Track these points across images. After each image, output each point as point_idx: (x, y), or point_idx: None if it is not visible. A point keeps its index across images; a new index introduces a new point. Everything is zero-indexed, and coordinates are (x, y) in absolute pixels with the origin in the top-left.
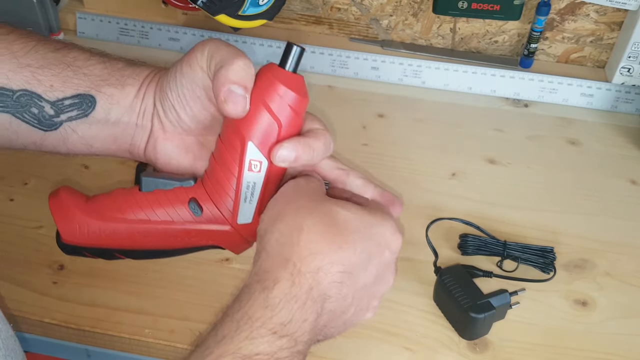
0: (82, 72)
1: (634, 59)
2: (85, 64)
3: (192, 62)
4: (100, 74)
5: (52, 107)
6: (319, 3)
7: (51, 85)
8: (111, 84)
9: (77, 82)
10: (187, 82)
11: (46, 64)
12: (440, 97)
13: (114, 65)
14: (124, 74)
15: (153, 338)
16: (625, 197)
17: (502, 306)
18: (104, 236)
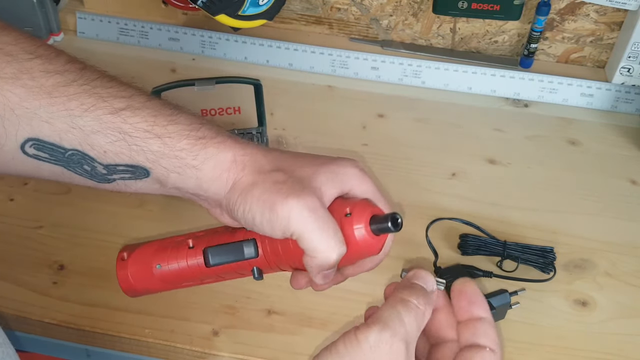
0: (139, 146)
1: (634, 59)
2: (143, 136)
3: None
4: (157, 150)
5: (105, 168)
6: (319, 3)
7: (104, 152)
8: (168, 167)
9: (133, 154)
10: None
11: (102, 129)
12: (440, 97)
13: (174, 144)
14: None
15: (153, 338)
16: (625, 197)
17: (502, 306)
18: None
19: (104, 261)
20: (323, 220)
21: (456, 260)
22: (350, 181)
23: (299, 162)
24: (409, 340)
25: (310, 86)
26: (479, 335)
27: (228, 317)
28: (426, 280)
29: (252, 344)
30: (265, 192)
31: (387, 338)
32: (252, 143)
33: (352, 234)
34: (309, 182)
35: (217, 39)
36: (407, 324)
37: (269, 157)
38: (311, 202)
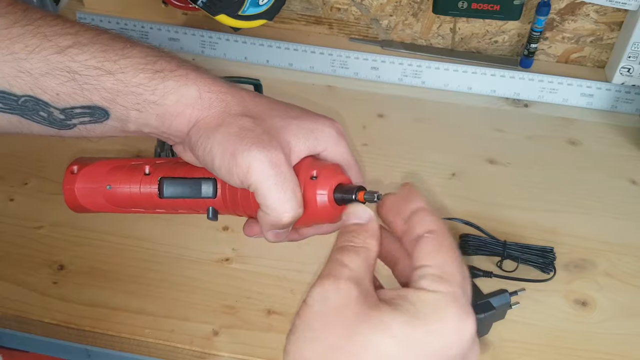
0: (91, 85)
1: (634, 59)
2: (94, 73)
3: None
4: (111, 87)
5: (62, 113)
6: (319, 3)
7: (57, 94)
8: (126, 105)
9: (86, 94)
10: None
11: (50, 70)
12: (440, 97)
13: (129, 79)
14: (141, 98)
15: (153, 338)
16: (625, 197)
17: (502, 306)
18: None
19: (104, 261)
20: (284, 178)
21: None
22: (325, 142)
23: (273, 110)
24: (359, 277)
25: (310, 86)
26: (414, 227)
27: (228, 317)
28: (357, 214)
29: (252, 344)
30: (229, 137)
31: (330, 285)
32: (221, 79)
33: (314, 198)
34: (277, 133)
35: (217, 39)
36: (349, 263)
37: (239, 99)
38: (275, 156)
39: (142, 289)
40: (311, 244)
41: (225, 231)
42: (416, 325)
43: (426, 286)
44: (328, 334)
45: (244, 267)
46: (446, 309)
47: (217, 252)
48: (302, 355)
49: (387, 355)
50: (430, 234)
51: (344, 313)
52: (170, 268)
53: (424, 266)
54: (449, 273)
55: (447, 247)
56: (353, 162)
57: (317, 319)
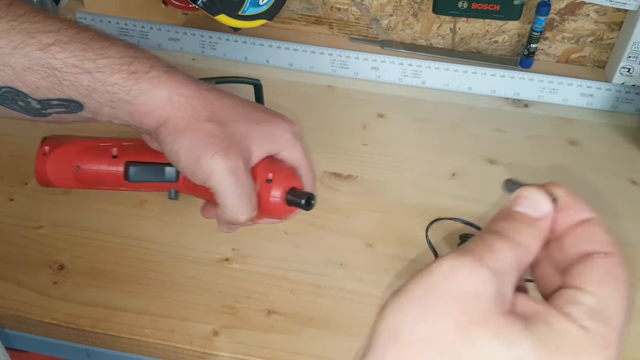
0: (69, 81)
1: (634, 59)
2: (73, 71)
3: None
4: (88, 85)
5: (39, 103)
6: (319, 3)
7: (37, 88)
8: (101, 101)
9: (65, 89)
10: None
11: (32, 65)
12: (440, 97)
13: (106, 78)
14: (116, 96)
15: (153, 338)
16: (625, 197)
17: None
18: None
19: (104, 261)
20: (241, 185)
21: None
22: (282, 144)
23: (237, 115)
24: (502, 273)
25: (310, 86)
26: (583, 241)
27: (228, 317)
28: (534, 203)
29: (252, 344)
30: (194, 142)
31: (467, 263)
32: (190, 80)
33: (268, 199)
34: (240, 140)
35: (217, 39)
36: (500, 252)
37: (206, 103)
38: (235, 164)
39: (142, 289)
40: (311, 245)
41: None
42: (546, 354)
43: (577, 317)
44: (440, 317)
45: (244, 267)
46: (591, 354)
47: (217, 252)
48: (400, 327)
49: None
50: (604, 256)
51: (469, 304)
52: (170, 268)
53: (583, 291)
54: (612, 312)
55: (619, 280)
56: (304, 163)
57: (434, 294)
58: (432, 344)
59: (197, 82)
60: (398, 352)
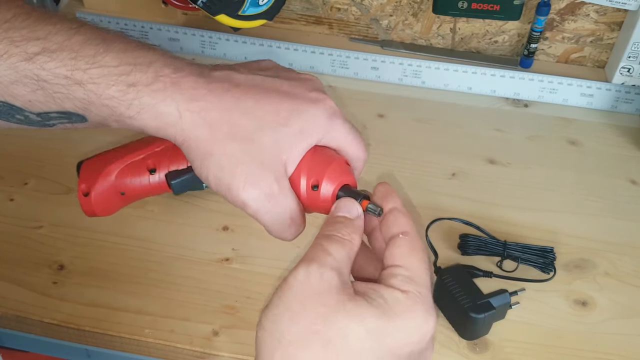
0: (62, 93)
1: (634, 59)
2: (64, 82)
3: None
4: (82, 98)
5: (38, 116)
6: (319, 3)
7: (29, 101)
8: (102, 115)
9: (58, 102)
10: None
11: (19, 78)
12: (440, 97)
13: (101, 91)
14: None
15: (153, 338)
16: (625, 197)
17: (502, 306)
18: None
19: (104, 261)
20: (280, 208)
21: (456, 260)
22: (318, 133)
23: (259, 120)
24: (340, 267)
25: None
26: (390, 227)
27: (228, 317)
28: (348, 209)
29: (252, 344)
30: (221, 171)
31: (314, 270)
32: (202, 83)
33: (318, 205)
34: (269, 155)
35: (217, 39)
36: (334, 253)
37: (223, 113)
38: (268, 190)
39: (142, 289)
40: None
41: (225, 231)
42: (387, 320)
43: (397, 285)
44: (307, 316)
45: (244, 267)
46: (414, 308)
47: (217, 252)
48: (280, 333)
49: (359, 344)
50: (403, 235)
51: (324, 299)
52: (170, 268)
53: (396, 266)
54: (419, 275)
55: (418, 250)
56: (349, 141)
57: (297, 300)
58: (307, 336)
59: (209, 82)
60: (285, 351)
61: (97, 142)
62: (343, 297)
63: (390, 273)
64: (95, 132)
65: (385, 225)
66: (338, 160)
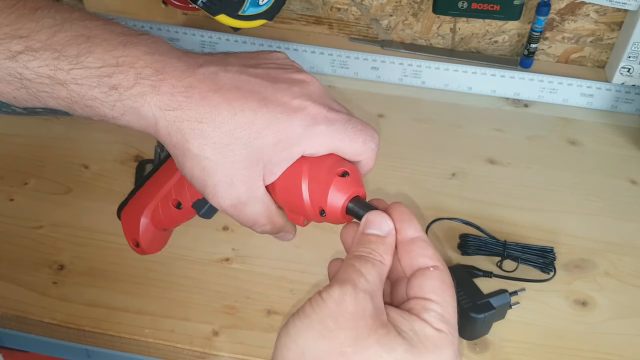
0: (45, 92)
1: (634, 59)
2: (48, 82)
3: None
4: (66, 97)
5: (24, 109)
6: (319, 3)
7: (14, 98)
8: (86, 114)
9: (42, 100)
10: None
11: (2, 75)
12: (440, 97)
13: (84, 92)
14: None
15: (153, 338)
16: (625, 197)
17: (502, 306)
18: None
19: (104, 261)
20: (250, 216)
21: (456, 260)
22: (299, 143)
23: (231, 135)
24: (373, 291)
25: None
26: (417, 257)
27: (228, 317)
28: (379, 225)
29: (252, 344)
30: (195, 180)
31: (349, 291)
32: (181, 87)
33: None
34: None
35: (217, 39)
36: (367, 274)
37: (197, 124)
38: (237, 200)
39: (142, 289)
40: (311, 245)
41: (225, 231)
42: (416, 353)
43: (431, 321)
44: (338, 336)
45: (244, 267)
46: (444, 348)
47: (217, 252)
48: (305, 345)
49: None
50: (435, 269)
51: (357, 322)
52: (170, 268)
53: (430, 301)
54: (451, 315)
55: (449, 286)
56: (340, 140)
57: (331, 317)
58: (334, 356)
59: (189, 85)
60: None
61: (97, 142)
62: (376, 324)
63: (424, 307)
64: (96, 132)
65: (409, 253)
66: (336, 178)
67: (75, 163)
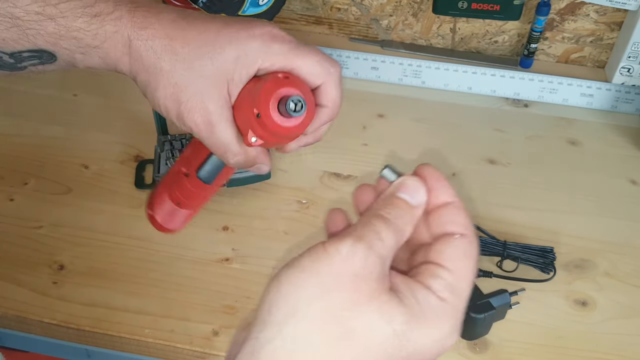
0: (34, 29)
1: (634, 59)
2: (36, 18)
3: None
4: (53, 32)
5: (11, 57)
6: (319, 3)
7: (3, 40)
8: (70, 48)
9: (31, 38)
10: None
11: None
12: (440, 97)
13: (70, 24)
14: (83, 42)
15: (153, 338)
16: (625, 197)
17: (502, 306)
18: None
19: (104, 261)
20: (218, 136)
21: None
22: (257, 58)
23: (198, 50)
24: (385, 257)
25: None
26: (446, 223)
27: (228, 317)
28: (414, 193)
29: None
30: (166, 102)
31: (362, 250)
32: (155, 11)
33: (265, 130)
34: (208, 84)
35: None
36: (385, 239)
37: (170, 42)
38: (208, 116)
39: (142, 289)
40: (311, 245)
41: (225, 231)
42: (415, 323)
43: (436, 290)
44: (337, 296)
45: (244, 267)
46: (445, 320)
47: (217, 252)
48: (298, 301)
49: (380, 342)
50: (461, 237)
51: (361, 285)
52: (170, 268)
53: (442, 267)
54: (462, 287)
55: (471, 258)
56: (295, 57)
57: (332, 275)
58: (327, 319)
59: (159, 11)
60: (295, 326)
61: (97, 142)
62: (379, 289)
63: (432, 272)
64: (96, 132)
65: (439, 218)
66: (275, 77)
67: (75, 163)
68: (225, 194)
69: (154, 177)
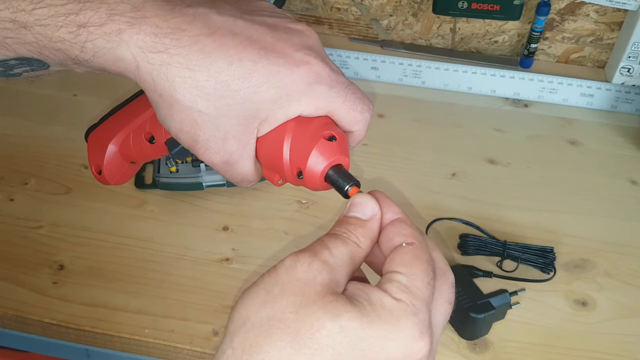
0: (12, 38)
1: (634, 59)
2: (11, 26)
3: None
4: (32, 42)
5: (0, 66)
6: (319, 3)
7: None
8: (58, 59)
9: (12, 47)
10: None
11: None
12: (440, 97)
13: (50, 34)
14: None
15: (153, 338)
16: (625, 197)
17: (502, 306)
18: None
19: (103, 261)
20: (238, 172)
21: (456, 260)
22: (299, 102)
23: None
24: (335, 265)
25: None
26: (393, 237)
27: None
28: (362, 208)
29: None
30: (184, 134)
31: (305, 258)
32: (166, 27)
33: (299, 183)
34: (233, 127)
35: None
36: (333, 248)
37: (184, 70)
38: (228, 157)
39: (142, 289)
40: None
41: (225, 231)
42: (367, 323)
43: (390, 291)
44: (281, 302)
45: (244, 267)
46: (403, 320)
47: (217, 252)
48: (247, 314)
49: (328, 341)
50: (408, 245)
51: (304, 288)
52: (170, 268)
53: (395, 272)
54: (418, 287)
55: (422, 261)
56: (339, 105)
57: (277, 284)
58: (273, 323)
59: (176, 26)
60: (245, 335)
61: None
62: (325, 292)
63: (387, 278)
64: None
65: (386, 236)
66: (321, 140)
67: (75, 163)
68: (225, 194)
69: (154, 177)
